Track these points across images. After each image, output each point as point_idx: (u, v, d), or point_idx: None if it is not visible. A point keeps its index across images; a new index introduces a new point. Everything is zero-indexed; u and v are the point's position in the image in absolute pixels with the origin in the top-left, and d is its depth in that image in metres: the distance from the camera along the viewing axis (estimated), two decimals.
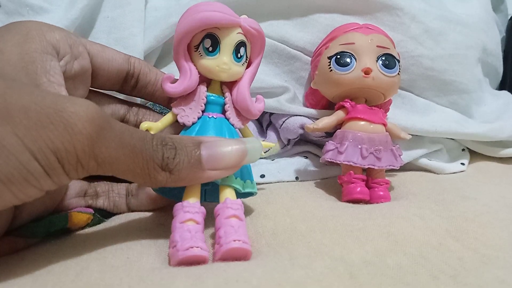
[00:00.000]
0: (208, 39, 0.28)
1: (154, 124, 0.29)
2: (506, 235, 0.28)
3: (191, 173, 0.24)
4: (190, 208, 0.25)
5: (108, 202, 0.32)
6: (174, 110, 0.29)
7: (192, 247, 0.23)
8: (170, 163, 0.23)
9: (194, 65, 0.29)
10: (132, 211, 0.32)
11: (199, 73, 0.29)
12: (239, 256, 0.24)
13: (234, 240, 0.23)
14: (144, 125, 0.28)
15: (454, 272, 0.23)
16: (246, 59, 0.30)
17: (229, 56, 0.29)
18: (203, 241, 0.24)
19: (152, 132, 0.28)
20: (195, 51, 0.29)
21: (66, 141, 0.20)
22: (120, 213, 0.32)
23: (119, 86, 0.31)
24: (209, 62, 0.29)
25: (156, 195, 0.31)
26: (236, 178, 0.27)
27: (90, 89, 0.30)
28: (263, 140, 0.39)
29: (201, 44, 0.29)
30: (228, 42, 0.28)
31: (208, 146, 0.24)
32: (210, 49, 0.28)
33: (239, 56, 0.29)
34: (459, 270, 0.23)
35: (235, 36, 0.29)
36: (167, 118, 0.30)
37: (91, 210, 0.30)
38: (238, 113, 0.30)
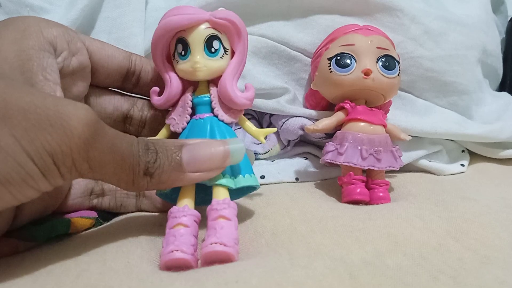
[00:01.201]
0: (179, 44, 0.29)
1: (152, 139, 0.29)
2: (506, 235, 0.28)
3: (171, 176, 0.24)
4: (177, 213, 0.25)
5: (115, 202, 0.31)
6: (167, 121, 0.30)
7: (172, 251, 0.23)
8: (150, 167, 0.23)
9: (176, 72, 0.29)
10: (139, 211, 0.32)
11: (182, 78, 0.29)
12: (220, 258, 0.23)
13: (211, 244, 0.23)
14: None
15: (454, 272, 0.23)
16: (226, 51, 0.29)
17: (200, 54, 0.28)
18: (190, 243, 0.24)
19: None
20: (173, 59, 0.29)
21: (63, 144, 0.20)
22: (126, 213, 0.32)
23: (120, 83, 0.31)
24: (183, 66, 0.29)
25: None
26: (224, 176, 0.27)
27: (91, 84, 0.30)
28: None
29: (176, 51, 0.29)
30: (196, 40, 0.28)
31: (189, 149, 0.25)
32: (183, 53, 0.29)
33: (213, 50, 0.29)
34: (459, 271, 0.23)
35: (202, 32, 0.28)
36: (163, 131, 0.30)
37: (94, 214, 0.30)
38: (228, 108, 0.30)
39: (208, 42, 0.28)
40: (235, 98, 0.29)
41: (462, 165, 0.46)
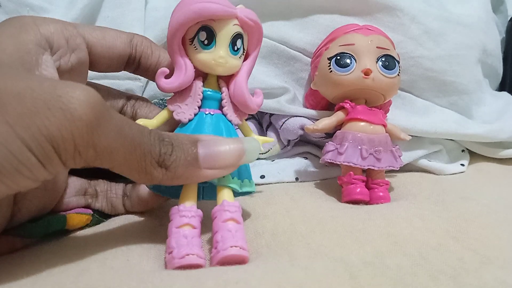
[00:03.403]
0: (203, 32, 0.27)
1: (149, 121, 0.28)
2: (506, 235, 0.28)
3: (187, 171, 0.24)
4: (186, 212, 0.24)
5: (106, 203, 0.31)
6: (170, 106, 0.29)
7: (188, 255, 0.23)
8: (167, 159, 0.23)
9: (189, 59, 0.28)
10: (128, 212, 0.32)
11: (194, 67, 0.28)
12: (236, 262, 0.23)
13: (231, 246, 0.23)
14: (140, 122, 0.28)
15: (454, 272, 0.23)
16: (243, 52, 0.29)
17: (225, 49, 0.28)
18: (200, 246, 0.24)
19: None
20: (190, 44, 0.28)
21: (63, 128, 0.19)
22: (117, 214, 0.32)
23: (122, 69, 0.31)
24: (205, 56, 0.28)
25: (148, 197, 0.31)
26: (233, 178, 0.27)
27: (88, 81, 0.30)
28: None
29: (196, 37, 0.28)
30: (224, 34, 0.27)
31: (205, 145, 0.24)
32: (206, 42, 0.27)
33: (235, 48, 0.28)
34: (459, 271, 0.23)
35: (232, 28, 0.27)
36: (162, 114, 0.29)
37: (90, 211, 0.30)
38: (236, 109, 0.29)
39: (234, 40, 0.28)
40: (250, 103, 0.29)
41: (462, 164, 0.46)
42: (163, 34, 0.39)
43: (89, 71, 0.29)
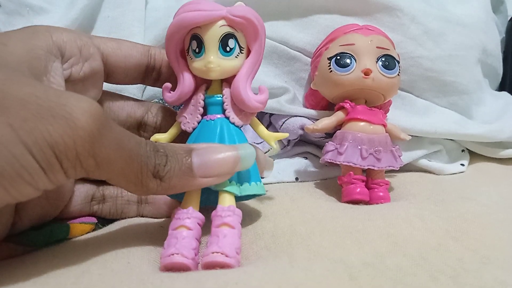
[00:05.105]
0: (194, 41, 0.28)
1: (163, 136, 0.29)
2: (506, 235, 0.28)
3: (182, 180, 0.24)
4: (181, 214, 0.25)
5: (116, 209, 0.31)
6: (178, 118, 0.29)
7: (173, 254, 0.23)
8: (160, 170, 0.23)
9: (190, 69, 0.29)
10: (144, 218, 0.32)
11: (196, 75, 0.29)
12: (219, 268, 0.23)
13: (212, 253, 0.23)
14: (154, 137, 0.29)
15: (454, 272, 0.23)
16: (241, 50, 0.28)
17: (214, 53, 0.27)
18: (191, 247, 0.24)
19: None
20: (187, 55, 0.29)
21: (66, 135, 0.19)
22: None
23: (141, 80, 0.31)
24: (197, 64, 0.28)
25: (173, 202, 0.31)
26: (230, 182, 0.26)
27: (104, 91, 0.30)
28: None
29: (190, 47, 0.28)
30: (211, 38, 0.27)
31: (199, 154, 0.24)
32: (197, 50, 0.28)
33: (228, 49, 0.28)
34: (459, 271, 0.23)
35: (218, 30, 0.27)
36: (174, 128, 0.29)
37: (94, 220, 0.30)
38: (240, 110, 0.29)
39: (223, 41, 0.27)
40: (247, 101, 0.28)
41: (462, 164, 0.46)
42: (163, 34, 0.39)
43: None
